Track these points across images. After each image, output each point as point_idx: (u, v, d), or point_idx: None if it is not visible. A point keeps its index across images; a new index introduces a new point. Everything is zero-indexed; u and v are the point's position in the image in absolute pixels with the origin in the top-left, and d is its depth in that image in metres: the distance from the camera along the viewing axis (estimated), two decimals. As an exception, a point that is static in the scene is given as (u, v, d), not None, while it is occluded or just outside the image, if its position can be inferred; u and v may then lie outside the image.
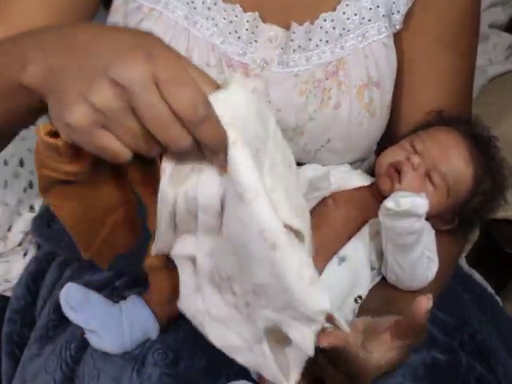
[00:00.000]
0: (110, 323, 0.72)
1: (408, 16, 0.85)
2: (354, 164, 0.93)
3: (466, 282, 0.95)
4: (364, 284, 0.79)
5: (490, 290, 1.00)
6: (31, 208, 1.03)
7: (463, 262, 1.04)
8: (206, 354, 0.74)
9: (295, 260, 0.48)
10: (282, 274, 0.48)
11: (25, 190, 1.01)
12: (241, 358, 0.54)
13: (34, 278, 0.93)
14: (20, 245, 1.00)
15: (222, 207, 0.50)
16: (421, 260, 0.76)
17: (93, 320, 0.72)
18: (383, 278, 0.81)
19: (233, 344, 0.54)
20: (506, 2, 1.57)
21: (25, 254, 1.00)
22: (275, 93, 0.83)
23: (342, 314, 0.78)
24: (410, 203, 0.71)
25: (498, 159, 0.86)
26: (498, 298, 1.00)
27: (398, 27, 0.86)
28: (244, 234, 0.48)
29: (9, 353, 0.88)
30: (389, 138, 0.92)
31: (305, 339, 0.51)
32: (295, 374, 0.53)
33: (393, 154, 0.84)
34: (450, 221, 0.86)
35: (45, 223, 0.98)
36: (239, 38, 0.81)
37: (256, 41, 0.82)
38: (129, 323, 0.73)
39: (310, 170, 0.80)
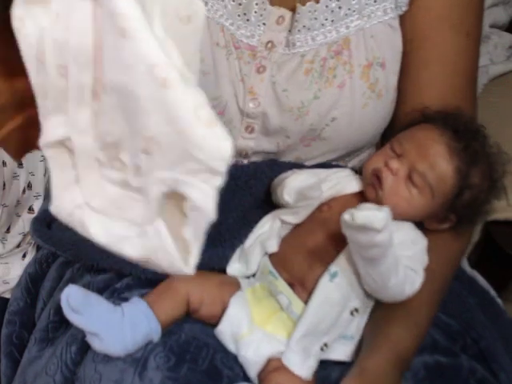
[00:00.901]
0: (111, 326, 0.72)
1: None
2: (360, 153, 0.94)
3: (470, 286, 0.95)
4: (359, 296, 0.78)
5: (493, 292, 0.99)
6: (30, 209, 1.02)
7: (466, 265, 1.03)
8: (208, 357, 0.74)
9: (189, 98, 0.42)
10: (175, 116, 0.42)
11: (23, 191, 1.00)
12: (130, 249, 0.47)
13: (33, 280, 0.92)
14: (19, 246, 1.00)
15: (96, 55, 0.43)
16: (393, 272, 0.74)
17: (94, 323, 0.71)
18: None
19: (119, 234, 0.47)
20: (507, 2, 1.57)
21: (24, 256, 1.00)
22: (281, 73, 0.84)
23: (338, 329, 0.77)
24: (363, 217, 0.69)
25: (486, 149, 0.83)
26: (499, 300, 1.00)
27: (404, 8, 0.86)
28: (130, 77, 0.42)
29: (7, 354, 0.88)
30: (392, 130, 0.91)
31: (206, 198, 0.44)
32: (194, 256, 0.47)
33: (374, 161, 0.83)
34: (444, 219, 0.84)
35: (44, 224, 0.97)
36: (248, 20, 0.83)
37: (264, 23, 0.84)
38: (131, 326, 0.72)
39: (299, 181, 0.79)
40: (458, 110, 0.85)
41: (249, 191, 0.87)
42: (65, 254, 0.90)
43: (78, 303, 0.71)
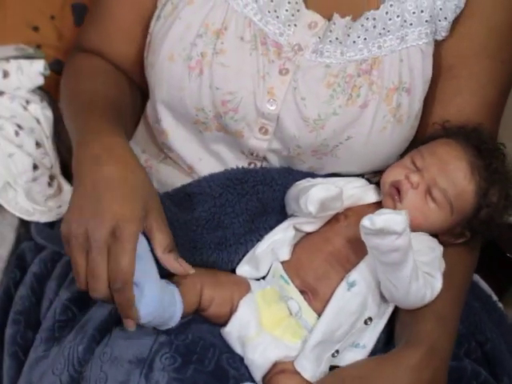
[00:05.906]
0: (156, 286, 0.71)
1: (453, 23, 0.86)
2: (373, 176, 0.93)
3: (474, 289, 0.95)
4: (374, 306, 0.79)
5: (495, 297, 1.00)
6: None
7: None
8: (214, 358, 0.74)
9: None
10: None
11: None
12: None
13: (38, 279, 0.91)
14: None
15: None
16: (414, 277, 0.75)
17: (146, 276, 0.71)
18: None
19: None
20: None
21: None
22: (302, 80, 0.84)
23: (351, 337, 0.78)
24: (383, 221, 0.69)
25: (505, 168, 0.85)
26: (500, 304, 1.00)
27: (444, 34, 0.87)
28: None
29: (12, 354, 0.87)
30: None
31: None
32: None
33: (394, 173, 0.84)
34: (459, 235, 0.85)
35: (47, 224, 0.98)
36: (277, 17, 0.84)
37: (295, 25, 0.84)
38: (169, 297, 0.73)
39: (323, 190, 0.79)
40: (478, 126, 0.86)
41: (256, 196, 0.86)
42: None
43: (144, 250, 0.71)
